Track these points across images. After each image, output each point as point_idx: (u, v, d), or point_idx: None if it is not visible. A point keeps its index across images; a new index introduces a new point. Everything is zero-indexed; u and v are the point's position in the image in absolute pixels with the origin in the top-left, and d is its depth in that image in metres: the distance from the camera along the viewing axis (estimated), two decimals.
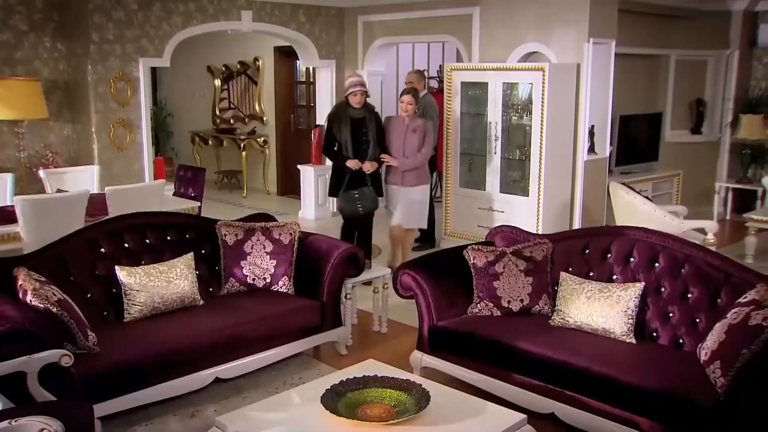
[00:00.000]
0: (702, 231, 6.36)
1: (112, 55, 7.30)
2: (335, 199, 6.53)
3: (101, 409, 3.54)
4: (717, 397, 3.28)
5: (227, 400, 4.20)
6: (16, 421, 2.61)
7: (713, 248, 5.29)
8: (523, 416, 3.22)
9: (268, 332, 4.42)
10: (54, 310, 3.61)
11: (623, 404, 3.52)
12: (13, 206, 5.23)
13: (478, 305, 4.39)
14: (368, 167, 6.22)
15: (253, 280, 4.77)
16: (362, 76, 6.61)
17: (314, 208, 9.33)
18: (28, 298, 3.64)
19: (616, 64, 7.16)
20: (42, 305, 3.60)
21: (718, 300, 3.89)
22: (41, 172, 6.51)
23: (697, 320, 3.93)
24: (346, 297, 5.00)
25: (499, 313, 4.35)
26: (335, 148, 6.31)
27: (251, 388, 4.31)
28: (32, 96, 6.87)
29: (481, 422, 3.13)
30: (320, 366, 4.76)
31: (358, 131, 6.21)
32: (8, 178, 6.22)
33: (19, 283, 3.76)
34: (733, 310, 3.58)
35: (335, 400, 3.08)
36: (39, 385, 3.21)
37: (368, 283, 5.37)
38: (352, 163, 6.19)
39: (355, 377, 3.26)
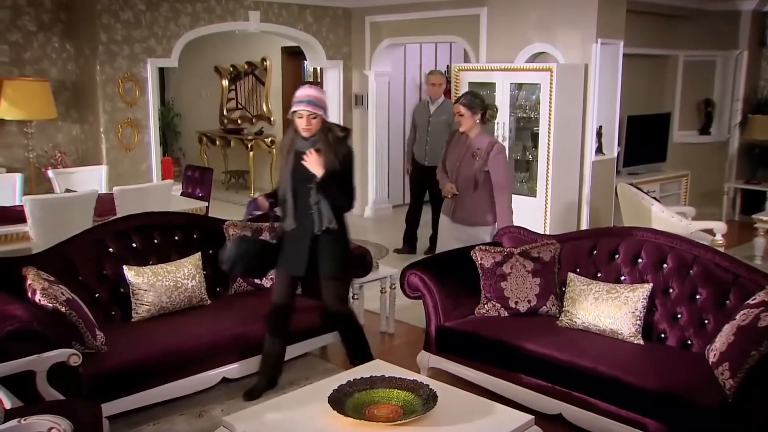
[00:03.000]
0: (710, 232, 6.34)
1: (120, 55, 7.32)
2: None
3: (108, 408, 3.55)
4: (725, 399, 3.27)
5: (234, 400, 4.20)
6: (25, 419, 2.62)
7: (721, 249, 5.27)
8: (531, 417, 3.21)
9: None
10: (62, 309, 3.63)
11: (630, 405, 3.51)
12: (21, 206, 5.25)
13: (486, 306, 4.38)
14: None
15: (261, 280, 4.77)
16: (319, 88, 4.21)
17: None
18: (37, 297, 3.66)
19: (623, 64, 7.14)
20: (50, 305, 3.62)
21: (727, 301, 3.87)
22: (50, 172, 6.54)
23: (706, 321, 3.92)
24: (353, 297, 5.00)
25: (506, 314, 4.34)
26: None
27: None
28: (41, 96, 6.90)
29: (489, 423, 3.12)
30: (327, 366, 4.76)
31: (303, 175, 3.96)
32: (17, 178, 6.25)
33: (28, 282, 3.78)
34: (741, 312, 3.56)
35: (343, 401, 3.08)
36: (48, 384, 3.22)
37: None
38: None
39: (362, 377, 3.26)
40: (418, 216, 7.64)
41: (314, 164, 3.88)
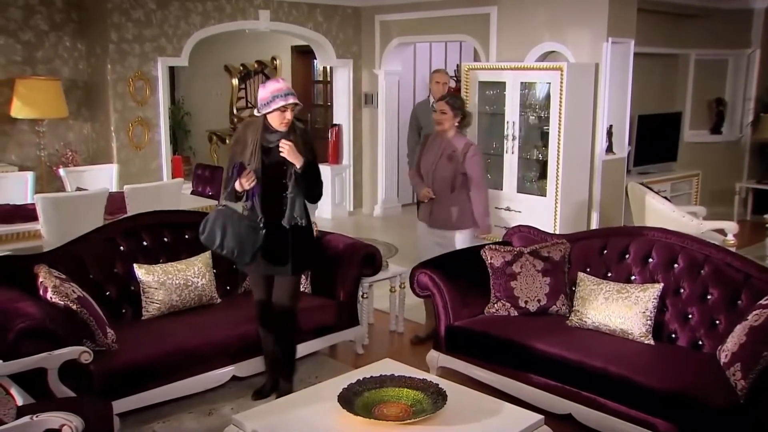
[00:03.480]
0: (722, 232, 6.31)
1: (131, 54, 7.35)
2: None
3: (119, 406, 3.56)
4: (737, 400, 3.25)
5: (244, 398, 4.21)
6: (37, 416, 2.64)
7: (733, 249, 5.24)
8: (541, 417, 3.20)
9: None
10: (74, 307, 3.66)
11: (640, 406, 3.50)
12: (33, 204, 5.28)
13: (495, 305, 4.38)
14: None
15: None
16: (285, 80, 4.14)
17: (331, 207, 9.34)
18: (49, 295, 3.68)
19: (634, 63, 7.11)
20: (62, 302, 3.65)
21: (738, 302, 3.85)
22: (61, 171, 6.58)
23: (717, 322, 3.90)
24: (362, 296, 5.00)
25: (516, 313, 4.34)
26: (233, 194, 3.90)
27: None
28: (53, 95, 6.95)
29: (499, 422, 3.11)
30: (336, 365, 4.77)
31: (274, 169, 3.87)
32: (29, 176, 6.29)
33: (40, 280, 3.80)
34: (753, 312, 3.54)
35: (352, 399, 3.08)
36: (59, 382, 3.24)
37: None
38: None
39: (372, 376, 3.26)
40: None
41: (293, 154, 3.80)
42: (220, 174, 7.03)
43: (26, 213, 5.39)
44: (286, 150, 3.79)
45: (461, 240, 4.87)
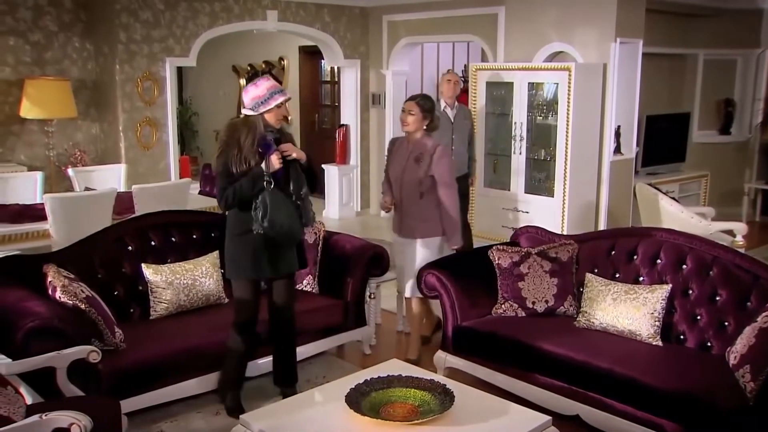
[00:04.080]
0: (730, 233, 6.28)
1: (139, 54, 7.37)
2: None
3: (127, 405, 3.57)
4: (746, 402, 3.24)
5: (251, 398, 4.21)
6: (46, 415, 2.65)
7: (742, 250, 5.22)
8: (548, 418, 3.19)
9: (299, 327, 4.42)
10: (82, 306, 3.67)
11: (648, 407, 3.49)
12: (42, 204, 5.30)
13: (503, 306, 4.37)
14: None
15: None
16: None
17: (338, 207, 9.35)
18: (57, 294, 3.69)
19: (642, 63, 7.09)
20: (71, 302, 3.66)
21: (748, 303, 3.83)
22: (69, 171, 6.60)
23: (726, 323, 3.88)
24: (370, 296, 5.00)
25: (523, 314, 4.33)
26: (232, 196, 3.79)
27: (275, 387, 4.30)
28: (62, 95, 6.97)
29: (506, 423, 3.11)
30: (344, 365, 4.77)
31: (282, 170, 3.84)
32: (38, 176, 6.31)
33: (49, 279, 3.81)
34: (763, 314, 3.52)
35: (359, 400, 3.08)
36: (68, 381, 3.25)
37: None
38: None
39: (379, 377, 3.26)
40: None
41: (297, 151, 3.85)
42: None
43: (35, 213, 5.41)
44: (290, 150, 3.82)
45: (425, 251, 4.61)
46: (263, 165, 3.74)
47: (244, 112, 3.84)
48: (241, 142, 3.76)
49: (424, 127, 4.59)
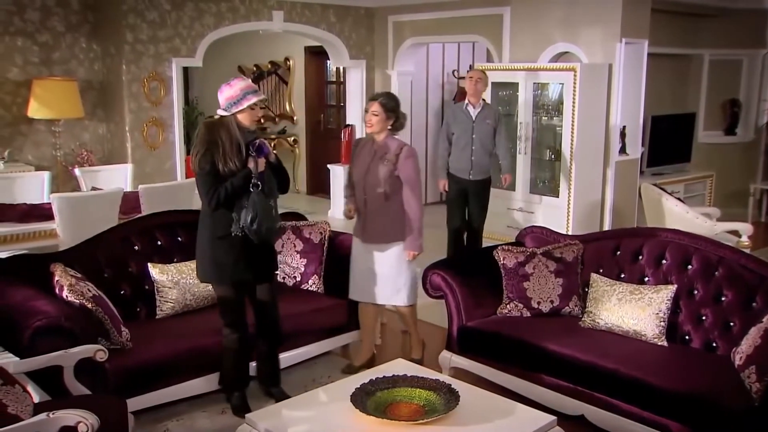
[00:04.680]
0: (736, 233, 6.27)
1: (146, 55, 7.40)
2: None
3: (133, 404, 3.58)
4: (751, 403, 3.24)
5: (256, 397, 4.22)
6: (53, 413, 2.67)
7: (747, 251, 5.21)
8: (553, 418, 3.20)
9: (297, 330, 4.44)
10: (89, 305, 3.69)
11: (654, 407, 3.49)
12: (49, 203, 5.32)
13: (508, 306, 4.38)
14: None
15: (284, 278, 4.80)
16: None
17: (344, 204, 9.34)
18: (65, 293, 3.71)
19: (648, 64, 7.08)
20: (77, 301, 3.68)
21: (753, 303, 3.84)
22: (76, 170, 6.63)
23: (731, 324, 3.88)
24: None
25: (528, 314, 4.33)
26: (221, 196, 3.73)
27: (285, 384, 4.27)
28: (69, 96, 7.01)
29: (511, 423, 3.12)
30: (349, 364, 4.77)
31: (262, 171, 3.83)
32: (45, 176, 6.34)
33: (56, 278, 3.83)
34: None
35: (364, 399, 3.09)
36: (75, 379, 3.27)
37: None
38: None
39: (384, 376, 3.27)
40: (463, 241, 6.35)
41: (270, 150, 3.84)
42: None
43: (42, 212, 5.44)
44: (271, 152, 3.83)
45: (388, 256, 4.44)
46: (252, 166, 3.70)
47: (218, 112, 3.79)
48: (222, 141, 3.71)
49: (389, 128, 4.41)
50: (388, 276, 4.47)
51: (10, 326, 3.47)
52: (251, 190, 3.70)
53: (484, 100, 6.22)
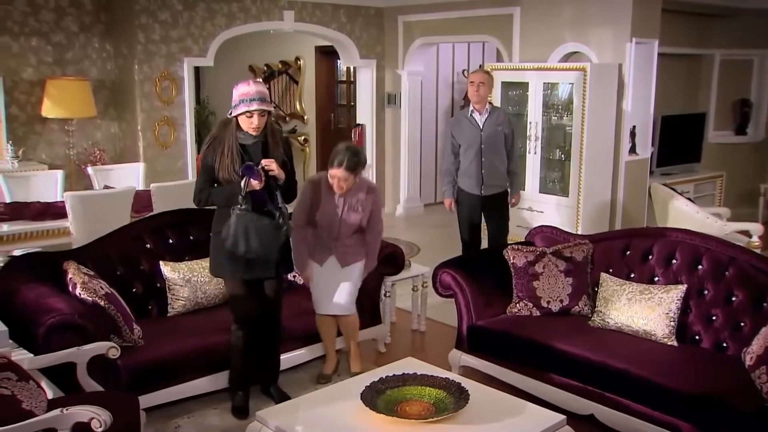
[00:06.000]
0: (746, 233, 6.25)
1: (158, 54, 7.45)
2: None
3: (144, 400, 3.62)
4: (762, 403, 3.23)
5: (255, 396, 4.18)
6: (67, 409, 2.70)
7: (758, 251, 5.20)
8: (563, 417, 3.21)
9: (307, 329, 4.47)
10: (102, 303, 3.73)
11: (663, 407, 3.49)
12: (63, 202, 5.37)
13: (518, 305, 4.39)
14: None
15: (294, 277, 4.82)
16: (260, 83, 3.92)
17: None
18: (77, 291, 3.75)
19: (658, 63, 7.07)
20: (90, 299, 3.71)
21: (764, 303, 3.83)
22: (89, 169, 6.67)
23: (742, 324, 3.87)
24: (385, 295, 5.03)
25: (538, 314, 4.34)
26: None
27: (290, 384, 4.34)
28: (82, 95, 7.07)
29: (520, 422, 3.13)
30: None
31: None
32: (58, 174, 6.39)
33: (69, 276, 3.87)
34: None
35: (374, 397, 3.11)
36: (87, 376, 3.30)
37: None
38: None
39: (394, 375, 3.29)
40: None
41: (278, 168, 3.78)
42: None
43: (56, 211, 5.48)
44: (273, 166, 3.76)
45: (359, 269, 4.47)
46: (242, 184, 3.68)
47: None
48: (224, 142, 3.76)
49: (357, 179, 4.35)
50: (351, 290, 4.44)
51: (24, 323, 3.51)
52: (234, 208, 3.71)
53: (491, 103, 5.65)
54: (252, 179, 3.68)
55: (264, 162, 3.74)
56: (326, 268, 4.43)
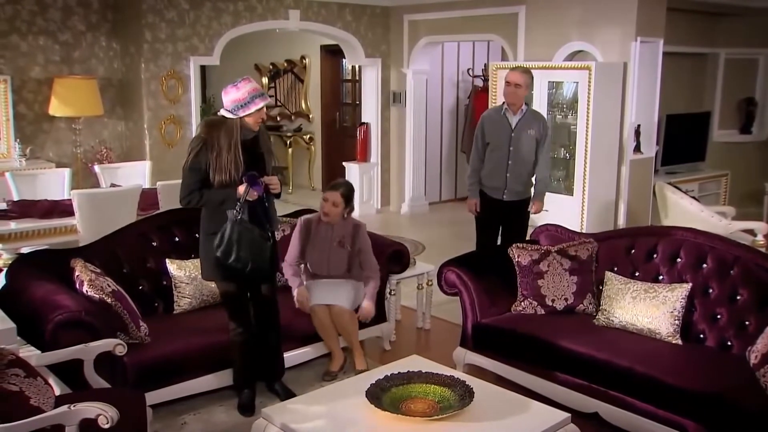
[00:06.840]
0: (751, 232, 6.25)
1: (164, 53, 7.47)
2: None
3: (151, 397, 3.62)
4: (766, 402, 3.23)
5: (260, 393, 4.21)
6: (74, 406, 2.71)
7: (763, 250, 5.20)
8: (567, 415, 3.21)
9: (310, 327, 4.47)
10: (108, 300, 3.75)
11: (668, 406, 3.50)
12: (70, 200, 5.40)
13: (522, 303, 4.40)
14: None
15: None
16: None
17: (359, 204, 9.37)
18: (85, 288, 3.77)
19: (663, 62, 7.06)
20: (97, 296, 3.74)
21: None
22: (96, 167, 6.71)
23: (746, 323, 3.87)
24: (390, 293, 5.04)
25: (543, 312, 4.35)
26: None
27: (296, 382, 4.36)
28: (89, 94, 7.11)
29: (525, 420, 3.13)
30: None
31: (257, 164, 3.85)
32: (66, 172, 6.43)
33: (76, 274, 3.89)
34: None
35: (379, 395, 3.12)
36: (94, 372, 3.32)
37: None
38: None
39: (399, 372, 3.30)
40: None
41: (277, 185, 3.86)
42: None
43: (63, 208, 5.52)
44: (275, 185, 3.84)
45: (350, 284, 4.57)
46: (241, 191, 3.67)
47: (221, 112, 3.77)
48: (219, 145, 3.69)
49: (345, 215, 4.55)
50: (347, 288, 4.55)
51: (32, 320, 3.53)
52: (229, 215, 3.72)
53: (527, 105, 5.31)
54: (253, 189, 3.70)
55: (267, 180, 3.78)
56: (320, 282, 4.56)
